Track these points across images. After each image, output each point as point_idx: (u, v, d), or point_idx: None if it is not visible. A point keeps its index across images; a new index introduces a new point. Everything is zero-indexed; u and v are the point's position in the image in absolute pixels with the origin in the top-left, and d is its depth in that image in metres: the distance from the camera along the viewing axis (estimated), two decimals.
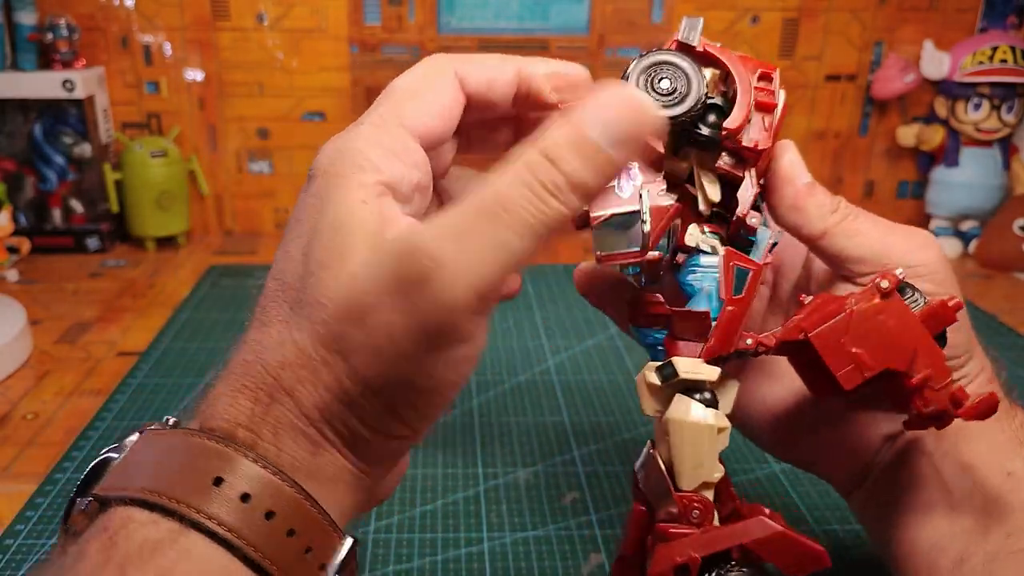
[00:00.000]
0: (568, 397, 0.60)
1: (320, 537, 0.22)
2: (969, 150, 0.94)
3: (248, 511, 0.21)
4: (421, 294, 0.21)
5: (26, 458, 0.52)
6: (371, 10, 0.90)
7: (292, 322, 0.23)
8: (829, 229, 0.31)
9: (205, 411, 0.23)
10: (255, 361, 0.23)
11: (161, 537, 0.20)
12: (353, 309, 0.22)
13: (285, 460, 0.22)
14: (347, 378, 0.22)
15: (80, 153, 0.87)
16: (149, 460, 0.22)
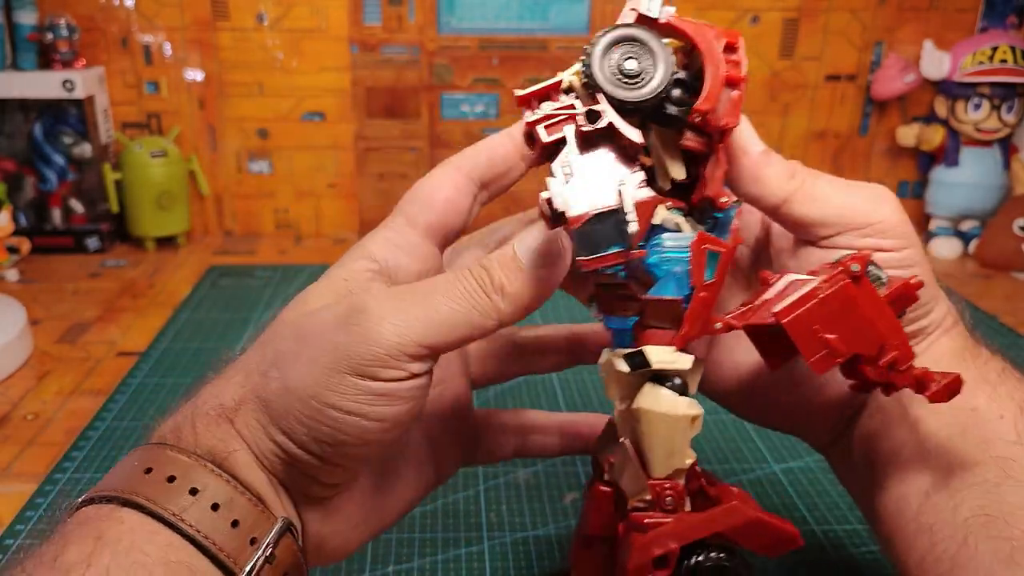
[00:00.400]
0: (568, 397, 0.60)
1: (248, 514, 0.25)
2: (969, 150, 0.94)
3: (174, 489, 0.25)
4: (353, 328, 0.25)
5: (26, 458, 0.52)
6: (371, 10, 0.90)
7: (254, 352, 0.28)
8: (789, 196, 0.30)
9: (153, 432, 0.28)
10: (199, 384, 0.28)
11: (99, 511, 0.25)
12: (299, 330, 0.26)
13: (203, 447, 0.26)
14: (275, 382, 0.26)
15: (80, 153, 0.87)
16: (106, 477, 0.26)
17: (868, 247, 0.29)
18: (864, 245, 0.30)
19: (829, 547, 0.44)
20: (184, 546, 0.24)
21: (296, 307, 0.28)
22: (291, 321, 0.27)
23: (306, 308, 0.27)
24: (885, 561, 0.43)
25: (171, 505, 0.24)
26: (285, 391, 0.25)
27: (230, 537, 0.25)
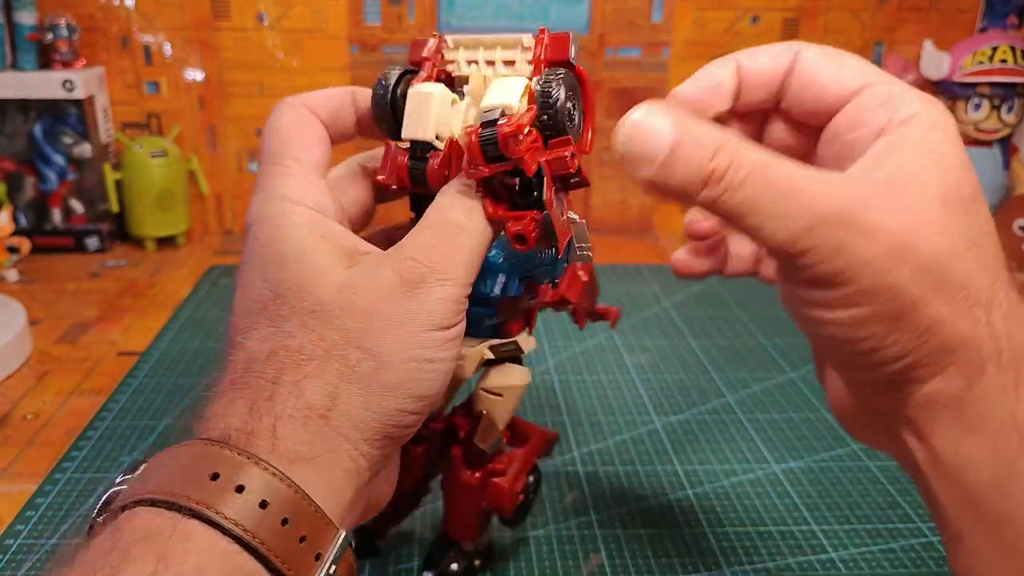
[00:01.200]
0: (568, 397, 0.60)
1: (314, 528, 0.24)
2: (969, 150, 0.93)
3: (243, 501, 0.23)
4: (423, 289, 0.26)
5: (26, 458, 0.52)
6: (371, 10, 0.90)
7: (281, 334, 0.26)
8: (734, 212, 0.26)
9: (202, 423, 0.25)
10: (247, 371, 0.26)
11: (163, 523, 0.22)
12: (360, 306, 0.26)
13: (281, 453, 0.24)
14: (364, 362, 0.25)
15: (80, 153, 0.87)
16: (155, 471, 0.24)
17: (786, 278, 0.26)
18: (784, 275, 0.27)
19: (830, 547, 0.44)
20: (251, 567, 0.23)
21: (313, 279, 0.26)
22: (333, 300, 0.26)
23: (329, 280, 0.26)
24: (886, 561, 0.43)
25: (242, 519, 0.23)
26: (381, 366, 0.26)
27: (296, 553, 0.23)
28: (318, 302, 0.26)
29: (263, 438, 0.24)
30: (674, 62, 0.93)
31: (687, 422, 0.57)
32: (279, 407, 0.25)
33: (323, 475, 0.25)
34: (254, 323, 0.27)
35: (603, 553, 0.44)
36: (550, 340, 0.69)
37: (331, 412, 0.25)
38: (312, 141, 0.30)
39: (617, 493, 0.49)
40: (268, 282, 0.27)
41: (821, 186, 0.24)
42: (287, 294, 0.26)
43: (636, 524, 0.46)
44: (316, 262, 0.27)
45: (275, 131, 0.30)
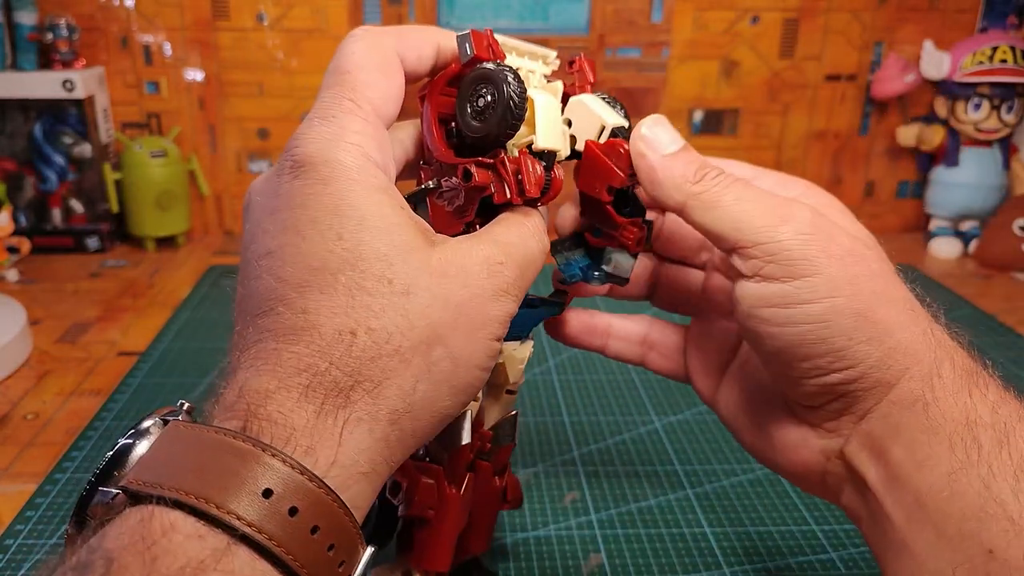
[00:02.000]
0: (568, 397, 0.60)
1: (350, 549, 0.22)
2: (969, 150, 0.94)
3: (294, 525, 0.20)
4: (504, 300, 0.26)
5: (26, 458, 0.52)
6: (371, 10, 0.90)
7: (359, 305, 0.23)
8: (687, 201, 0.28)
9: (250, 409, 0.22)
10: (320, 360, 0.22)
11: (204, 556, 0.19)
12: (456, 300, 0.24)
13: (341, 464, 0.22)
14: (444, 361, 0.24)
15: (80, 153, 0.87)
16: (187, 458, 0.21)
17: (753, 270, 0.27)
18: (751, 268, 0.27)
19: (830, 547, 0.44)
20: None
21: (401, 257, 0.24)
22: (425, 283, 0.24)
23: (420, 260, 0.24)
24: None
25: (296, 548, 0.20)
26: (454, 369, 0.24)
27: (331, 572, 0.22)
28: (409, 282, 0.23)
29: (326, 447, 0.22)
30: (674, 62, 0.93)
31: (687, 422, 0.57)
32: (351, 410, 0.22)
33: (366, 489, 0.23)
34: (325, 287, 0.23)
35: (603, 553, 0.44)
36: (550, 340, 0.69)
37: (403, 417, 0.23)
38: (393, 91, 0.27)
39: (617, 493, 0.49)
40: (345, 241, 0.23)
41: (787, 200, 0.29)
42: (371, 262, 0.23)
43: (636, 524, 0.46)
44: (402, 234, 0.24)
45: (352, 60, 0.26)
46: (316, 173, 0.24)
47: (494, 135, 0.27)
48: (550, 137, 0.28)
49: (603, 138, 0.30)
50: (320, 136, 0.24)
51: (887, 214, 1.02)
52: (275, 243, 0.24)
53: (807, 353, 0.27)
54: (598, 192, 0.30)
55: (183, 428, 0.22)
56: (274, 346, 0.23)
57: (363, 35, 0.27)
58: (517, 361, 0.33)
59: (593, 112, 0.30)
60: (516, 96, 0.26)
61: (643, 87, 0.94)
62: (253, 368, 0.23)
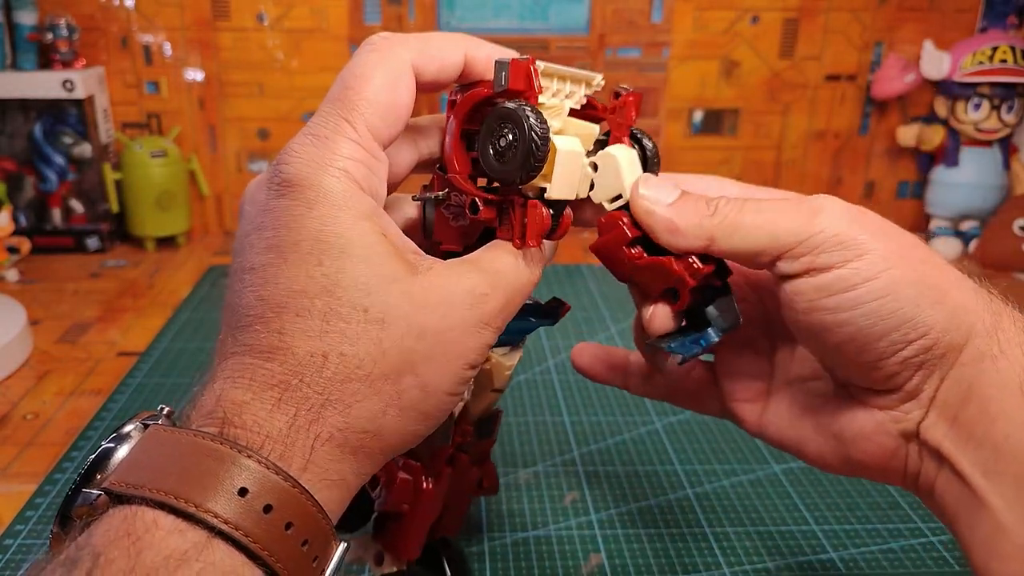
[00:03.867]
0: (568, 397, 0.60)
1: (324, 544, 0.23)
2: (969, 150, 0.94)
3: (268, 521, 0.21)
4: (483, 331, 0.26)
5: (26, 458, 0.52)
6: (371, 10, 0.90)
7: (333, 332, 0.23)
8: (713, 233, 0.28)
9: (226, 417, 0.23)
10: (292, 378, 0.23)
11: (187, 548, 0.20)
12: (432, 329, 0.24)
13: (312, 471, 0.23)
14: (414, 390, 0.24)
15: (80, 153, 0.87)
16: (167, 460, 0.22)
17: (804, 267, 0.27)
18: (801, 266, 0.27)
19: (830, 547, 0.44)
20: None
21: (380, 286, 0.24)
22: (401, 312, 0.24)
23: (400, 290, 0.24)
24: (886, 561, 0.43)
25: (271, 543, 0.21)
26: (426, 396, 0.25)
27: (306, 570, 0.23)
28: (385, 311, 0.24)
29: (298, 455, 0.23)
30: (674, 62, 0.93)
31: (687, 422, 0.57)
32: (321, 426, 0.23)
33: (338, 495, 0.24)
34: (301, 311, 0.24)
35: (603, 553, 0.44)
36: (550, 340, 0.69)
37: (372, 438, 0.24)
38: (398, 110, 0.27)
39: (617, 493, 0.49)
40: (325, 267, 0.24)
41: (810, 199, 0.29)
42: (349, 290, 0.24)
43: (636, 524, 0.46)
44: (382, 263, 0.24)
45: (360, 74, 0.26)
46: (302, 195, 0.24)
47: (511, 179, 0.27)
48: (564, 188, 0.28)
49: (614, 206, 0.30)
50: (309, 157, 0.25)
51: (887, 214, 1.00)
52: (259, 260, 0.25)
53: (881, 331, 0.27)
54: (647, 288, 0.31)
55: (163, 432, 0.23)
56: (250, 361, 0.24)
57: (378, 45, 0.27)
58: (504, 368, 0.34)
59: (619, 176, 0.30)
60: (537, 145, 0.26)
61: (643, 87, 0.94)
62: (230, 379, 0.24)
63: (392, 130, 0.27)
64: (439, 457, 0.34)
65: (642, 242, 0.30)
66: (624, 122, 0.31)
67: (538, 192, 0.28)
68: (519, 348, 0.35)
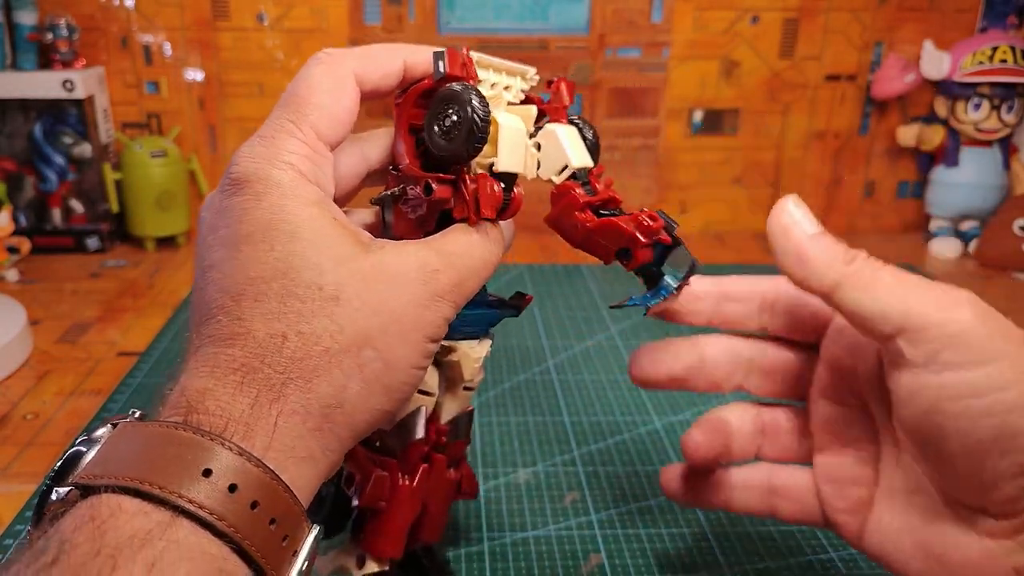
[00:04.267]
0: (568, 397, 0.60)
1: (295, 525, 0.24)
2: (969, 150, 0.94)
3: (234, 500, 0.22)
4: (438, 304, 0.27)
5: (26, 458, 0.52)
6: (371, 10, 0.90)
7: (291, 312, 0.24)
8: (840, 280, 0.27)
9: (190, 405, 0.23)
10: (254, 360, 0.24)
11: (151, 527, 0.21)
12: (386, 306, 0.25)
13: (277, 449, 0.24)
14: (375, 363, 0.25)
15: (80, 153, 0.87)
16: (132, 450, 0.22)
17: (928, 357, 0.25)
18: (925, 355, 0.25)
19: (829, 547, 0.44)
20: (238, 570, 0.22)
21: (331, 268, 0.25)
22: (360, 294, 0.25)
23: (354, 269, 0.25)
24: None
25: (233, 518, 0.22)
26: (388, 370, 0.26)
27: (279, 550, 0.23)
28: (339, 288, 0.25)
29: (261, 433, 0.23)
30: (674, 62, 0.93)
31: (687, 422, 0.57)
32: (283, 403, 0.24)
33: (307, 472, 0.25)
34: (259, 295, 0.25)
35: (603, 553, 0.44)
36: (550, 340, 0.69)
37: (335, 411, 0.25)
38: (340, 113, 0.28)
39: (617, 493, 0.49)
40: (277, 252, 0.25)
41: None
42: (302, 271, 0.25)
43: (636, 524, 0.46)
44: (333, 244, 0.25)
45: (305, 83, 0.28)
46: (251, 189, 0.26)
47: (458, 155, 0.28)
48: (511, 160, 0.29)
49: (562, 177, 0.32)
50: (257, 155, 0.26)
51: (887, 214, 1.02)
52: (217, 256, 0.26)
53: (1005, 447, 0.25)
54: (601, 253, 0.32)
55: (129, 426, 0.24)
56: (213, 351, 0.24)
57: (323, 58, 0.29)
58: (472, 360, 0.34)
59: (561, 148, 0.31)
60: (480, 118, 0.27)
61: (643, 87, 0.94)
62: (195, 370, 0.24)
63: (336, 132, 0.28)
64: (412, 454, 0.34)
65: (593, 208, 0.31)
66: (559, 106, 0.32)
67: (488, 169, 0.29)
68: (487, 340, 0.35)
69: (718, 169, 0.98)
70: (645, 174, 0.98)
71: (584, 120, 0.33)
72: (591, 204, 0.31)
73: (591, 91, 0.94)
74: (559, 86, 0.33)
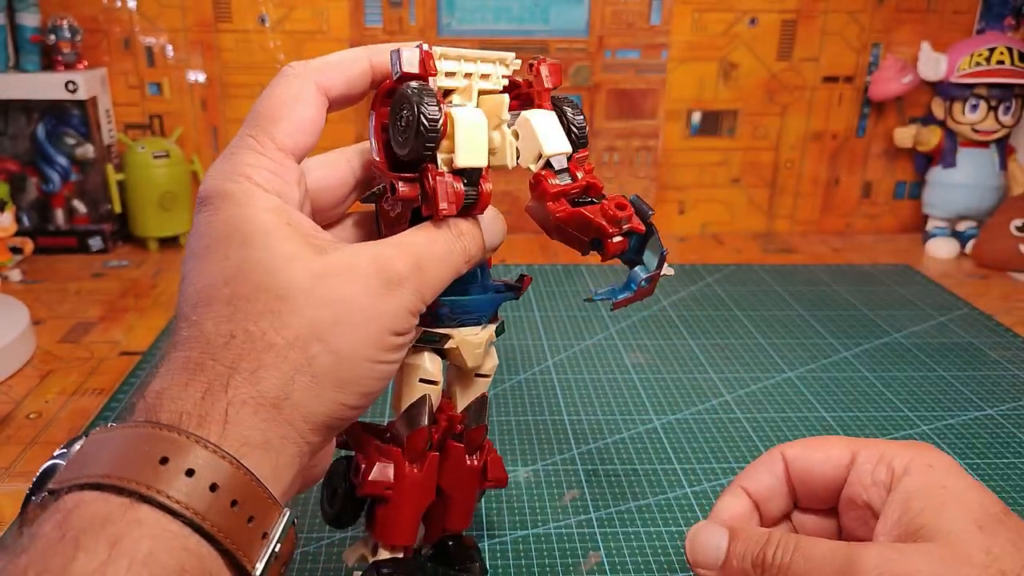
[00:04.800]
0: (568, 396, 0.60)
1: (261, 508, 0.24)
2: (966, 151, 0.94)
3: (193, 484, 0.23)
4: (396, 294, 0.27)
5: (29, 458, 0.52)
6: (372, 12, 0.91)
7: (241, 316, 0.26)
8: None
9: (147, 405, 0.25)
10: (204, 353, 0.25)
11: (112, 510, 0.22)
12: (334, 297, 0.26)
13: (232, 437, 0.24)
14: (324, 355, 0.26)
15: (83, 154, 0.88)
16: (96, 453, 0.24)
17: None
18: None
19: None
20: (201, 549, 0.23)
21: (281, 266, 0.26)
22: (306, 288, 0.26)
23: (300, 267, 0.26)
24: None
25: (192, 502, 0.23)
26: (340, 362, 0.26)
27: (245, 533, 0.24)
28: (287, 287, 0.26)
29: (214, 423, 0.24)
30: (673, 64, 0.94)
31: (686, 421, 0.57)
32: (232, 393, 0.25)
33: (270, 459, 0.25)
34: (211, 300, 0.26)
35: (602, 552, 0.44)
36: (550, 339, 0.69)
37: (284, 402, 0.25)
38: (303, 123, 0.29)
39: (616, 491, 0.49)
40: (231, 259, 0.26)
41: (853, 549, 0.28)
42: (251, 274, 0.26)
43: (635, 523, 0.46)
44: (284, 246, 0.26)
45: (268, 99, 0.30)
46: (211, 205, 0.27)
47: (413, 154, 0.29)
48: (470, 155, 0.29)
49: (539, 165, 0.31)
50: (217, 173, 0.28)
51: (884, 215, 1.03)
52: (184, 270, 0.28)
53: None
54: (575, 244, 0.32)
55: (96, 433, 0.25)
56: (173, 355, 0.26)
57: (287, 72, 0.30)
58: (473, 346, 0.34)
59: (534, 136, 0.31)
60: (426, 118, 0.28)
61: (642, 88, 0.95)
62: (156, 376, 0.26)
63: (298, 140, 0.29)
64: (416, 443, 0.34)
65: (569, 197, 0.31)
66: (541, 89, 0.32)
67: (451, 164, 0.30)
68: (490, 326, 0.34)
69: (716, 170, 0.99)
70: (644, 175, 0.98)
71: (570, 102, 0.32)
72: (565, 193, 0.30)
73: (590, 93, 0.94)
74: (539, 68, 0.32)
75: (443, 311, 0.32)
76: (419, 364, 0.33)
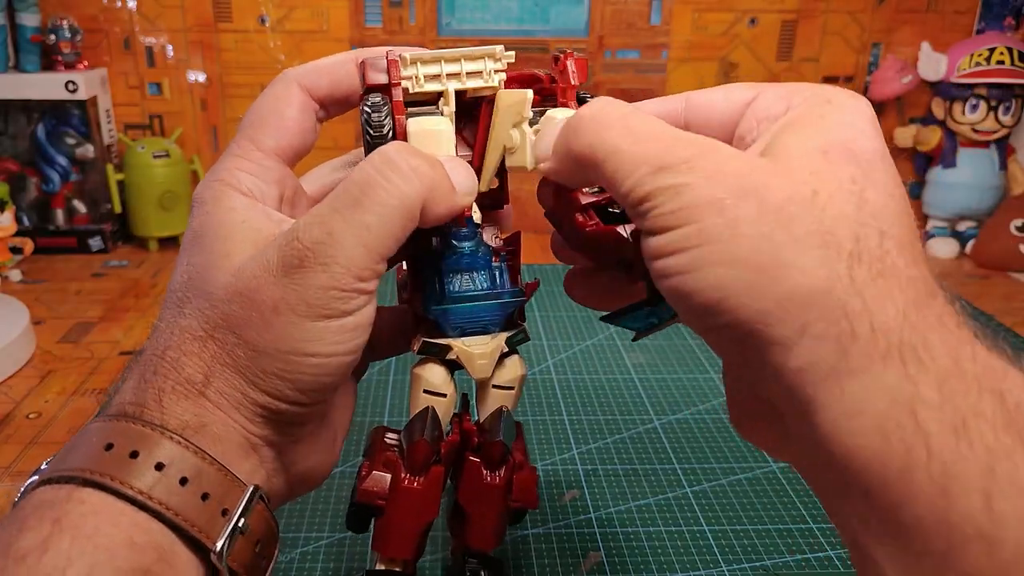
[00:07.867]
0: (568, 396, 0.60)
1: (216, 484, 0.25)
2: (966, 151, 0.95)
3: (138, 465, 0.23)
4: (301, 274, 0.25)
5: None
6: (372, 12, 0.91)
7: (179, 314, 0.27)
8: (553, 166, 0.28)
9: (107, 406, 0.27)
10: (147, 351, 0.27)
11: (57, 494, 0.23)
12: (242, 291, 0.26)
13: (171, 421, 0.25)
14: (238, 348, 0.26)
15: (83, 154, 0.88)
16: (62, 454, 0.25)
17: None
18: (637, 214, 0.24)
19: (827, 545, 0.45)
20: (151, 525, 0.23)
21: (216, 264, 0.26)
22: (224, 284, 0.26)
23: (229, 264, 0.26)
24: None
25: (136, 482, 0.23)
26: (256, 355, 0.25)
27: (201, 511, 0.24)
28: (214, 285, 0.26)
29: (152, 408, 0.25)
30: (673, 64, 0.94)
31: (685, 421, 0.57)
32: (162, 380, 0.25)
33: (217, 444, 0.25)
34: (168, 305, 0.27)
35: (602, 551, 0.44)
36: (550, 339, 0.69)
37: (207, 389, 0.26)
38: (284, 123, 0.30)
39: (616, 492, 0.49)
40: (188, 266, 0.28)
41: (677, 135, 0.24)
42: (195, 277, 0.27)
43: (635, 523, 0.46)
44: (225, 246, 0.27)
45: (255, 108, 0.30)
46: (192, 212, 0.29)
47: None
48: None
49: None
50: (205, 180, 0.29)
51: None
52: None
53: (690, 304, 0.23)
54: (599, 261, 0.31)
55: (69, 440, 0.26)
56: (135, 359, 0.28)
57: (277, 79, 0.31)
58: (475, 357, 0.32)
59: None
60: (371, 133, 0.28)
61: (642, 88, 0.95)
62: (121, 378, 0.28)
63: (280, 140, 0.30)
64: (416, 454, 0.33)
65: (597, 211, 0.29)
66: (566, 86, 0.31)
67: None
68: (500, 335, 0.33)
69: None
70: None
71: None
72: (596, 204, 0.28)
73: (591, 93, 0.94)
74: (565, 63, 0.30)
75: (440, 319, 0.31)
76: (422, 375, 0.32)
